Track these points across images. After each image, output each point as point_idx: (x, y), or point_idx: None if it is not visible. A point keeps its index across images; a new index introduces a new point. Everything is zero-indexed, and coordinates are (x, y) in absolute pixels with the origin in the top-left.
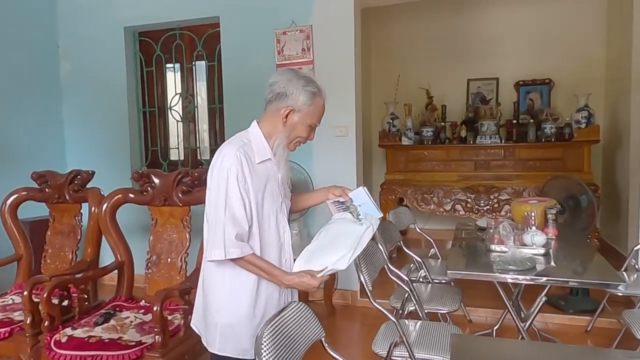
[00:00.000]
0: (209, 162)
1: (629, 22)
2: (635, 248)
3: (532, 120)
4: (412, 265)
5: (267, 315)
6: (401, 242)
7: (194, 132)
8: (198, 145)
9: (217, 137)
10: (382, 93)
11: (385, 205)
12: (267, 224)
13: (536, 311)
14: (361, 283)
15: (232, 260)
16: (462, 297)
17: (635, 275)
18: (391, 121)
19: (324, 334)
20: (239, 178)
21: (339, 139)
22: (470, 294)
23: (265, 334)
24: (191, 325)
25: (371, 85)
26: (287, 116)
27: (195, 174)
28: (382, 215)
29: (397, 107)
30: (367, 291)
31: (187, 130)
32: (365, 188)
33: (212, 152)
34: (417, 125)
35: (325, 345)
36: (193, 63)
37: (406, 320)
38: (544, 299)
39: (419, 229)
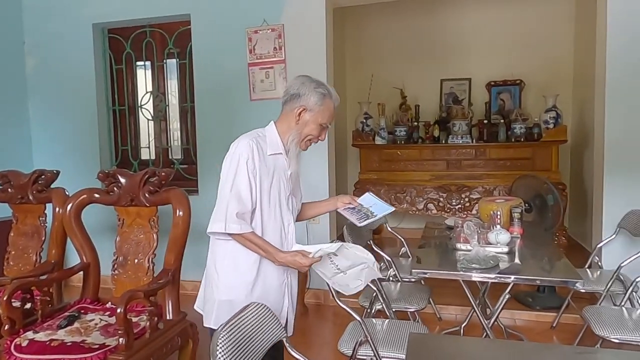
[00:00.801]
0: (180, 161)
1: (594, 25)
2: (599, 246)
3: (502, 121)
4: (382, 264)
5: (265, 295)
6: (371, 240)
7: (165, 131)
8: (169, 145)
9: (189, 136)
10: (356, 92)
11: None
12: (272, 213)
13: (500, 308)
14: None
15: (231, 235)
16: (431, 295)
17: (598, 272)
18: (365, 121)
19: (285, 334)
20: (249, 163)
21: None
22: (440, 291)
23: (221, 335)
24: (195, 308)
25: (345, 85)
26: (299, 114)
27: (163, 173)
28: (393, 209)
29: (371, 107)
30: (331, 290)
31: (159, 129)
32: (371, 193)
33: (184, 151)
34: (391, 125)
35: (287, 345)
36: (164, 61)
37: (373, 319)
38: (507, 296)
39: (390, 228)
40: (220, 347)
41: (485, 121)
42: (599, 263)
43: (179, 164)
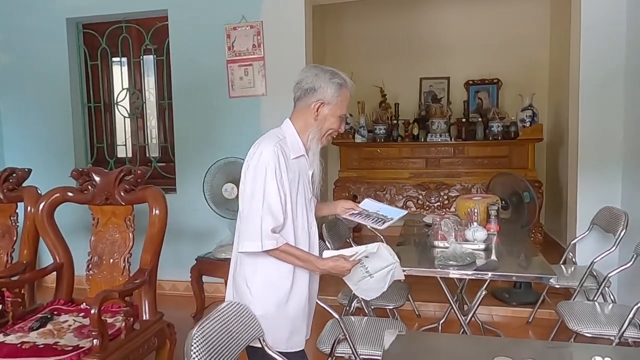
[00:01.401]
0: (158, 159)
1: (569, 27)
2: (573, 242)
3: (480, 119)
4: None
5: (299, 304)
6: (351, 238)
7: (142, 128)
8: (147, 142)
9: (167, 134)
10: None
11: None
12: (300, 219)
13: (477, 305)
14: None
15: (266, 251)
16: (410, 293)
17: (573, 268)
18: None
19: (263, 333)
20: (277, 173)
21: None
22: (419, 288)
23: (197, 334)
24: None
25: None
26: (317, 110)
27: (139, 171)
28: (406, 212)
29: (351, 105)
30: None
31: (135, 126)
32: (370, 198)
33: (162, 149)
34: (370, 123)
35: (264, 344)
36: (141, 57)
37: (352, 317)
38: (484, 292)
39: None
40: (195, 347)
41: (464, 120)
42: (573, 259)
43: (156, 162)
